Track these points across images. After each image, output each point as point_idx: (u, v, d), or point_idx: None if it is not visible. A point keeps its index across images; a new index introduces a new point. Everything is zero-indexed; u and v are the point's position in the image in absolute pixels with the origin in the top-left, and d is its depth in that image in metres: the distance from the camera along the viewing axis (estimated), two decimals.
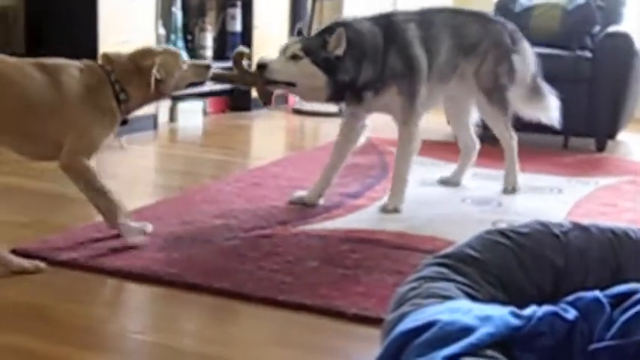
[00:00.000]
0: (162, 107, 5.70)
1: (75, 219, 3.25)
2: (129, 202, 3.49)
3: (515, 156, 4.12)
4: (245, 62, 3.40)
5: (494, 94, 3.93)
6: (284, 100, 6.93)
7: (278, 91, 3.57)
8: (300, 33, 3.13)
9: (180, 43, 6.00)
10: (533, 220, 2.03)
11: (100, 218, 3.00)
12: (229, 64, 3.58)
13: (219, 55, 6.41)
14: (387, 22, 3.59)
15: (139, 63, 2.93)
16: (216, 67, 3.37)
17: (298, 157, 4.73)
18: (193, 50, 6.22)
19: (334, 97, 3.49)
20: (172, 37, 5.95)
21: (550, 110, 4.13)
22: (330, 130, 5.27)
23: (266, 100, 3.51)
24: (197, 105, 6.10)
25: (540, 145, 5.40)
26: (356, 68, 3.42)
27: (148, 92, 2.93)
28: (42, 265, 2.69)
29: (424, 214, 3.63)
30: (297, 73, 3.37)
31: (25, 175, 3.15)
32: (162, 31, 5.72)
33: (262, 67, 3.37)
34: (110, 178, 4.23)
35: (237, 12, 6.61)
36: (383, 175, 4.27)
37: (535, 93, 4.10)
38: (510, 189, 4.09)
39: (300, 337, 2.30)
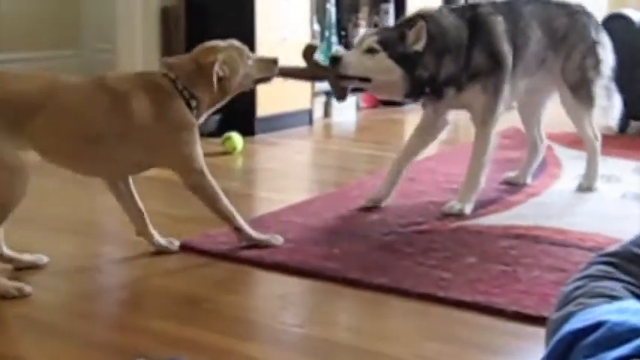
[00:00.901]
0: (317, 103, 5.77)
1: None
2: (285, 196, 3.56)
3: (597, 157, 3.85)
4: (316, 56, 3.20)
5: (581, 89, 3.71)
6: None
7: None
8: (376, 25, 2.98)
9: (334, 39, 6.06)
10: None
11: (259, 213, 3.06)
12: None
13: None
14: (472, 15, 3.39)
15: (200, 61, 2.73)
16: None
17: (452, 152, 4.69)
18: (347, 46, 6.25)
19: (412, 93, 3.28)
20: (326, 33, 6.00)
21: (615, 109, 3.93)
22: None
23: (340, 96, 3.30)
24: (351, 100, 6.12)
25: None
26: (436, 64, 3.23)
27: (213, 92, 2.74)
28: (27, 288, 2.50)
29: (583, 210, 3.54)
30: (373, 68, 3.17)
31: None
32: (316, 27, 5.79)
33: (336, 60, 3.20)
34: (266, 173, 4.35)
35: (390, 7, 6.61)
36: (540, 170, 4.17)
37: (608, 89, 3.86)
38: (585, 187, 3.83)
39: (459, 334, 2.29)
